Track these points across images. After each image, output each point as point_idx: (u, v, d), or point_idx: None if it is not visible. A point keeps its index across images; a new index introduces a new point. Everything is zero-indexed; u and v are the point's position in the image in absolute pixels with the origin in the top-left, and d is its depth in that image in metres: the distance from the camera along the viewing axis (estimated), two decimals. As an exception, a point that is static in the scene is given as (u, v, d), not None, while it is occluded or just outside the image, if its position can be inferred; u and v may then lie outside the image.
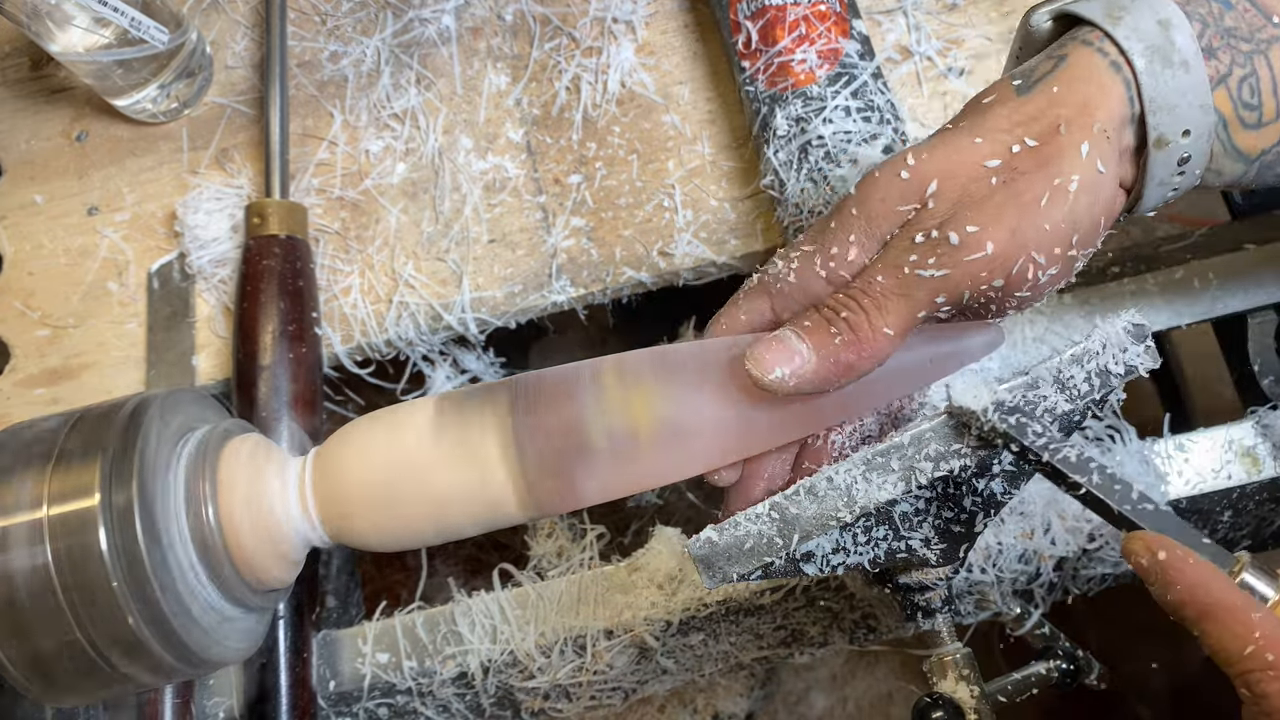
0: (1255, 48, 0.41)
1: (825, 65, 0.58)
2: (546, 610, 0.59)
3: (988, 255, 0.39)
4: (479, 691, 0.60)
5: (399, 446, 0.45)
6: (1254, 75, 0.41)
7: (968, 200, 0.39)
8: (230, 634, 0.46)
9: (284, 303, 0.61)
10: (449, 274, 0.67)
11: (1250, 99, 0.41)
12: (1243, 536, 0.62)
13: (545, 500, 0.44)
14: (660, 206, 0.67)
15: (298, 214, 0.65)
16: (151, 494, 0.42)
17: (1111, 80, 0.40)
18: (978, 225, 0.39)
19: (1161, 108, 0.40)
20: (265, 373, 0.60)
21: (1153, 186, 0.42)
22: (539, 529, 0.64)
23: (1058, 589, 0.62)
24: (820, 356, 0.40)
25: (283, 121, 0.68)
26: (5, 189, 0.72)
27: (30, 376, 0.67)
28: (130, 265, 0.69)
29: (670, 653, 0.60)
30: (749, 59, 0.61)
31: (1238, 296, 0.62)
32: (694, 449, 0.43)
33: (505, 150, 0.69)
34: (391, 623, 0.61)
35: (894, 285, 0.40)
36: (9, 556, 0.40)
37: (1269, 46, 0.41)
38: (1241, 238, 0.64)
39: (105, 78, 0.66)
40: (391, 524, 0.46)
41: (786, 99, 0.59)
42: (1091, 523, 0.58)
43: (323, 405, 0.63)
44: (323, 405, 0.63)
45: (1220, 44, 0.41)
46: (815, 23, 0.59)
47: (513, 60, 0.71)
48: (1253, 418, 0.61)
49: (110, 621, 0.40)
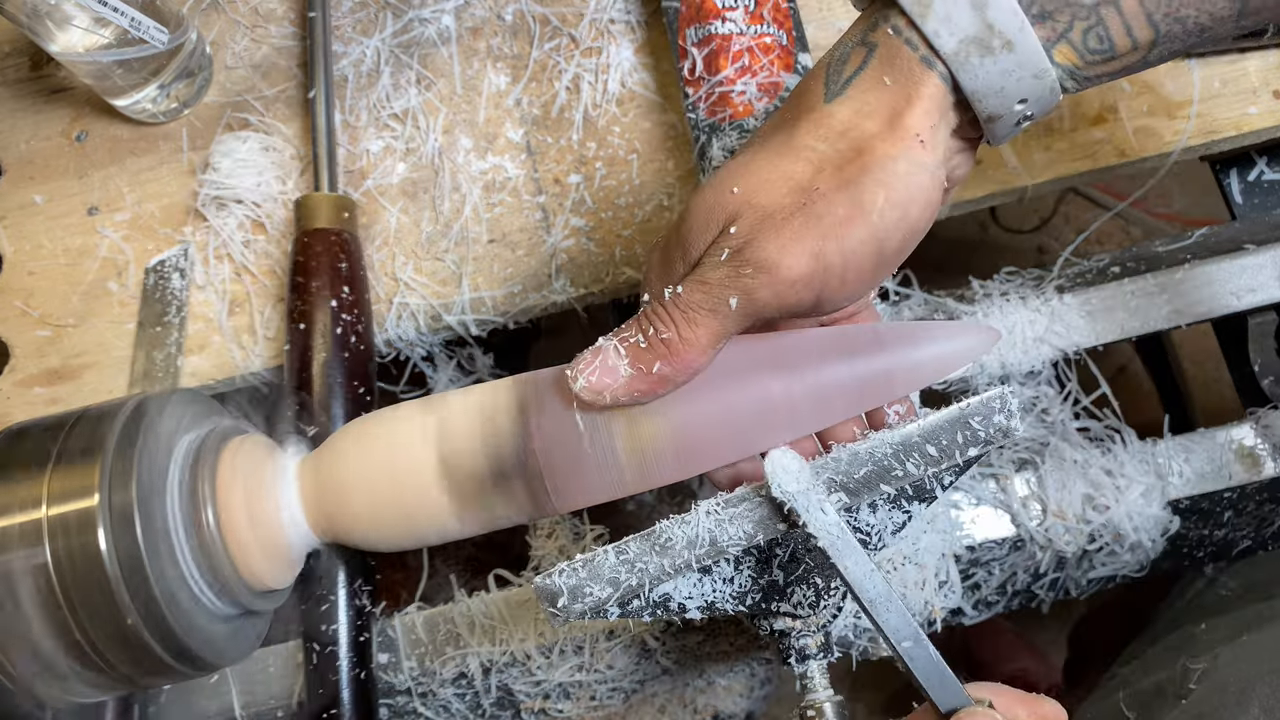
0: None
1: (764, 98, 0.58)
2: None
3: (790, 278, 0.38)
4: (479, 692, 0.60)
5: (399, 446, 0.45)
6: (1100, 24, 0.38)
7: (769, 223, 0.38)
8: (230, 634, 0.46)
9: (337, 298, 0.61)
10: (449, 274, 0.67)
11: (1099, 45, 0.39)
12: (1243, 536, 0.62)
13: (545, 501, 0.44)
14: (660, 206, 0.67)
15: (349, 207, 0.65)
16: (151, 494, 0.42)
17: (924, 75, 0.38)
18: (777, 248, 0.38)
19: (986, 94, 0.39)
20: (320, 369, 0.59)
21: (1000, 138, 0.41)
22: (539, 529, 0.64)
23: (1059, 588, 0.62)
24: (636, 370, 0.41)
25: (329, 115, 0.68)
26: (5, 189, 0.72)
27: (30, 376, 0.67)
28: (130, 265, 0.69)
29: (670, 653, 0.60)
30: (693, 86, 0.60)
31: (1238, 297, 0.62)
32: (667, 456, 0.43)
33: (505, 150, 0.69)
34: (391, 623, 0.61)
35: (701, 300, 0.40)
36: (9, 556, 0.40)
37: None
38: (1241, 238, 0.64)
39: (105, 78, 0.66)
40: (391, 524, 0.46)
41: (724, 130, 0.58)
42: (1091, 524, 0.58)
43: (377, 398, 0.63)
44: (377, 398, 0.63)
45: (1055, 4, 0.38)
46: (759, 55, 0.58)
47: (513, 60, 0.71)
48: (1253, 418, 0.61)
49: (110, 621, 0.40)
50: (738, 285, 0.39)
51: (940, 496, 0.44)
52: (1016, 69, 0.38)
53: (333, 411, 0.58)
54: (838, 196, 0.38)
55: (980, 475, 0.60)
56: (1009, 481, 0.59)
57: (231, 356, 0.66)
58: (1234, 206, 0.67)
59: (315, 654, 0.56)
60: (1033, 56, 0.38)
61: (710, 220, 0.40)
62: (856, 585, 0.38)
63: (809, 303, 0.39)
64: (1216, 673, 0.53)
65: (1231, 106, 0.65)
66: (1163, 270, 0.63)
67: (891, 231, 0.38)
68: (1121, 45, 0.39)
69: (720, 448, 0.44)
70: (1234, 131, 0.64)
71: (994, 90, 0.38)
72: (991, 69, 0.38)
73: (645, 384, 0.41)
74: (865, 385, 0.44)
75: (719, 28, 0.59)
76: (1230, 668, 0.53)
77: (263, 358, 0.66)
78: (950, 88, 0.39)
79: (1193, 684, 0.54)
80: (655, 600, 0.43)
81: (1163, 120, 0.65)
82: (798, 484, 0.39)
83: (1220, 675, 0.53)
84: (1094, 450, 0.60)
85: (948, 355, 0.45)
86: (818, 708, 0.45)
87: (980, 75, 0.38)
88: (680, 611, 0.44)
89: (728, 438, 0.43)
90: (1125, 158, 0.65)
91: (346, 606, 0.57)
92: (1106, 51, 0.39)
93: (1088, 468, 0.59)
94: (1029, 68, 0.38)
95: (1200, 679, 0.54)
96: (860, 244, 0.38)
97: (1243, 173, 0.68)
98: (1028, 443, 0.61)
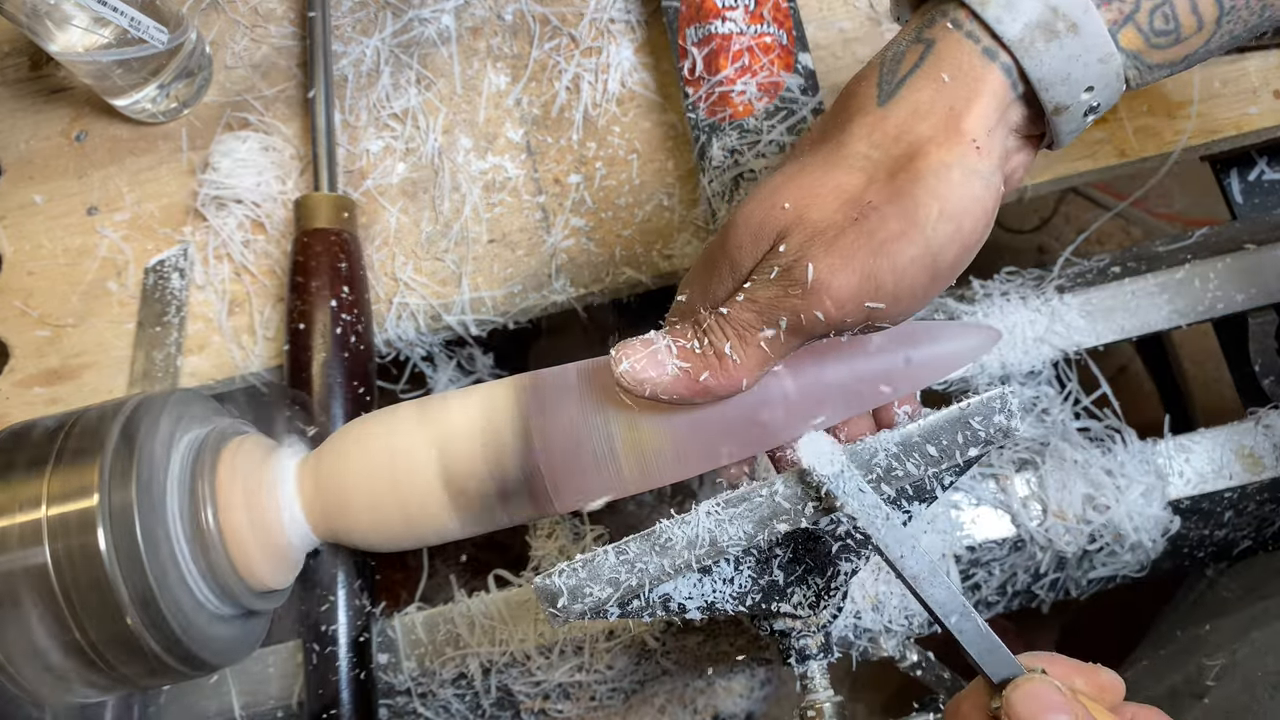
0: None
1: (764, 98, 0.58)
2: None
3: (841, 298, 0.37)
4: (479, 692, 0.60)
5: (399, 447, 0.45)
6: (1167, 3, 0.37)
7: (819, 240, 0.37)
8: (229, 634, 0.46)
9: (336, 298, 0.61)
10: (449, 274, 0.67)
11: (1165, 25, 0.38)
12: (1243, 536, 0.62)
13: (545, 500, 0.44)
14: (660, 206, 0.67)
15: (348, 207, 0.65)
16: (151, 494, 0.42)
17: (985, 70, 0.37)
18: (828, 267, 0.37)
19: (1053, 82, 0.37)
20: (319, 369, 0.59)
21: (1065, 135, 0.40)
22: (539, 529, 0.64)
23: (1059, 588, 0.62)
24: (682, 372, 0.40)
25: (328, 114, 0.68)
26: (5, 189, 0.72)
27: (30, 376, 0.67)
28: (130, 265, 0.69)
29: (670, 653, 0.60)
30: (693, 85, 0.60)
31: (1238, 296, 0.62)
32: (666, 456, 0.43)
33: (505, 150, 0.69)
34: (391, 623, 0.61)
35: (752, 320, 0.39)
36: (9, 556, 0.40)
37: None
38: (1241, 238, 0.64)
39: (105, 77, 0.66)
40: (389, 524, 0.46)
41: (724, 129, 0.58)
42: (1092, 524, 0.58)
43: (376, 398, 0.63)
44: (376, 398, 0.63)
45: None
46: (759, 54, 0.58)
47: (513, 60, 0.71)
48: (1253, 418, 0.61)
49: (110, 621, 0.40)
50: (786, 305, 0.38)
51: (940, 496, 0.44)
52: (1083, 53, 0.37)
53: (333, 411, 0.58)
54: (889, 210, 0.37)
55: (980, 475, 0.60)
56: (1009, 481, 0.59)
57: (231, 356, 0.66)
58: (1234, 206, 0.67)
59: (315, 654, 0.56)
60: (1098, 39, 0.37)
61: (760, 235, 0.39)
62: (900, 563, 0.38)
63: (860, 322, 0.38)
64: (1237, 669, 0.53)
65: (1232, 106, 0.65)
66: (1163, 270, 0.63)
67: (946, 246, 0.37)
68: (1187, 25, 0.38)
69: (720, 448, 0.44)
70: (1234, 131, 0.64)
71: (1060, 77, 0.37)
72: (1058, 54, 0.37)
73: (687, 389, 0.40)
74: (866, 385, 0.44)
75: (719, 27, 0.59)
76: (1254, 661, 0.52)
77: (262, 358, 0.66)
78: (1013, 81, 0.38)
79: (1209, 681, 0.53)
80: (655, 600, 0.43)
81: (1163, 120, 0.65)
82: (833, 466, 0.39)
83: (1244, 670, 0.52)
84: (1094, 450, 0.60)
85: (948, 355, 0.45)
86: (818, 708, 0.45)
87: (1046, 61, 0.37)
88: (680, 612, 0.44)
89: (728, 438, 0.43)
90: (1125, 158, 0.65)
91: (346, 606, 0.57)
92: (1172, 33, 0.38)
93: (1088, 468, 0.59)
94: (1095, 51, 0.37)
95: (1219, 675, 0.53)
96: (912, 261, 0.37)
97: (1243, 173, 0.68)
98: (1028, 443, 0.61)
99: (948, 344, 0.45)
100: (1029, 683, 0.34)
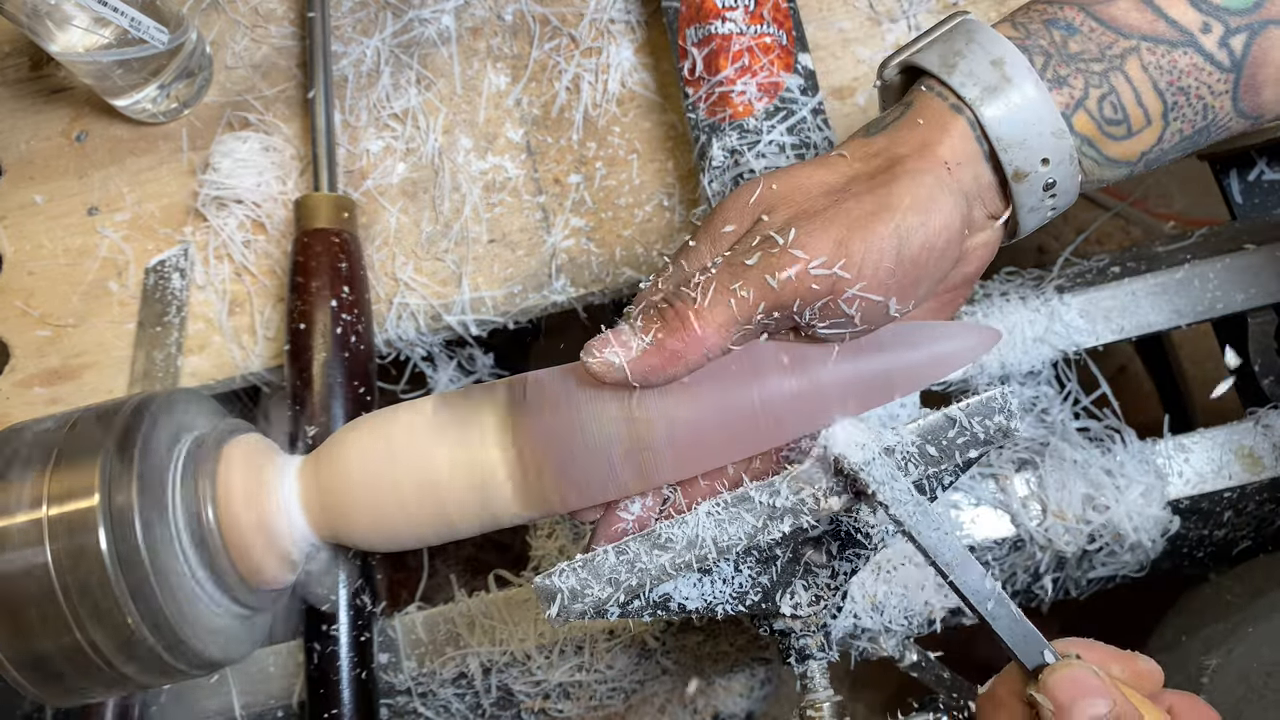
0: (1109, 65, 0.42)
1: (764, 98, 0.58)
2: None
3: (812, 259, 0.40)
4: (479, 692, 0.60)
5: (398, 446, 0.45)
6: (1113, 92, 0.42)
7: (801, 214, 0.41)
8: (230, 634, 0.46)
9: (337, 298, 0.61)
10: (449, 274, 0.67)
11: (1114, 114, 0.43)
12: (1243, 536, 0.62)
13: (545, 500, 0.44)
14: (660, 206, 0.67)
15: (349, 207, 0.65)
16: (151, 494, 0.42)
17: (952, 120, 0.43)
18: (805, 233, 0.40)
19: (1011, 144, 0.42)
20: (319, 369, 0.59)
21: (1025, 213, 0.44)
22: (539, 529, 0.64)
23: (1059, 588, 0.62)
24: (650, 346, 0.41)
25: (328, 114, 0.68)
26: (5, 189, 0.72)
27: (30, 376, 0.67)
28: (130, 265, 0.69)
29: (670, 653, 0.60)
30: (693, 86, 0.60)
31: (1238, 296, 0.62)
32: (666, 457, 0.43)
33: (505, 150, 0.69)
34: (391, 623, 0.61)
35: (725, 277, 0.41)
36: (9, 556, 0.40)
37: (1123, 60, 0.42)
38: (1241, 238, 0.64)
39: (105, 78, 0.66)
40: (390, 524, 0.46)
41: (724, 129, 0.58)
42: (1091, 524, 0.58)
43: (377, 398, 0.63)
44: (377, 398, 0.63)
45: (1068, 70, 0.42)
46: (759, 54, 0.59)
47: (513, 60, 0.71)
48: (1253, 418, 0.61)
49: (110, 621, 0.40)
50: (761, 264, 0.40)
51: (940, 496, 0.44)
52: (1037, 122, 0.42)
53: (333, 411, 0.59)
54: (867, 197, 0.41)
55: (980, 475, 0.60)
56: (1009, 481, 0.59)
57: (231, 356, 0.66)
58: (1234, 206, 0.67)
59: (315, 654, 0.56)
60: (1050, 114, 0.42)
61: (746, 209, 0.43)
62: (933, 550, 0.38)
63: (826, 293, 0.40)
64: (1232, 664, 0.53)
65: (1231, 106, 0.65)
66: (1163, 270, 0.63)
67: (912, 233, 0.40)
68: (1135, 117, 0.43)
69: (719, 448, 0.44)
70: (1234, 131, 0.64)
71: (1018, 140, 0.42)
72: (1015, 117, 0.42)
73: (657, 358, 0.41)
74: (866, 386, 0.44)
75: (719, 28, 0.59)
76: (1249, 654, 0.52)
77: (263, 358, 0.66)
78: (977, 136, 0.42)
79: (1204, 679, 0.53)
80: (655, 600, 0.43)
81: (1163, 120, 0.65)
82: (865, 453, 0.40)
83: (1239, 664, 0.52)
84: (1094, 450, 0.60)
85: (948, 356, 0.45)
86: (818, 708, 0.45)
87: (1003, 120, 0.42)
88: (680, 612, 0.44)
89: (727, 438, 0.43)
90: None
91: (346, 606, 0.57)
92: (1122, 123, 0.43)
93: (1088, 468, 0.59)
94: (1048, 124, 0.42)
95: (1215, 672, 0.53)
96: (882, 240, 0.40)
97: (1243, 173, 0.68)
98: (1028, 443, 0.61)
99: (947, 344, 0.45)
100: (1066, 668, 0.35)
